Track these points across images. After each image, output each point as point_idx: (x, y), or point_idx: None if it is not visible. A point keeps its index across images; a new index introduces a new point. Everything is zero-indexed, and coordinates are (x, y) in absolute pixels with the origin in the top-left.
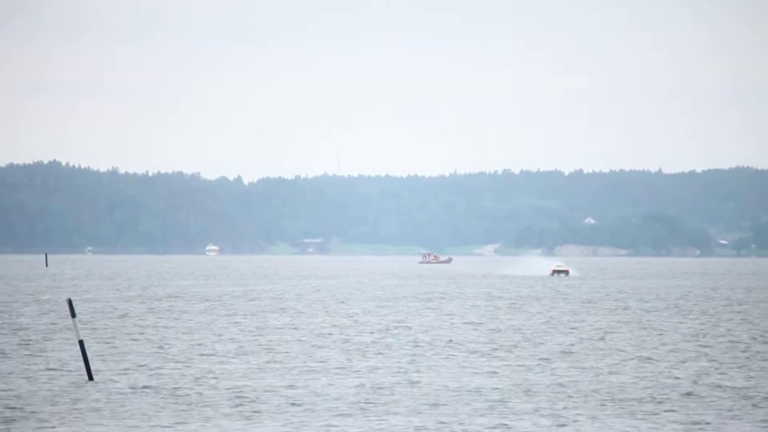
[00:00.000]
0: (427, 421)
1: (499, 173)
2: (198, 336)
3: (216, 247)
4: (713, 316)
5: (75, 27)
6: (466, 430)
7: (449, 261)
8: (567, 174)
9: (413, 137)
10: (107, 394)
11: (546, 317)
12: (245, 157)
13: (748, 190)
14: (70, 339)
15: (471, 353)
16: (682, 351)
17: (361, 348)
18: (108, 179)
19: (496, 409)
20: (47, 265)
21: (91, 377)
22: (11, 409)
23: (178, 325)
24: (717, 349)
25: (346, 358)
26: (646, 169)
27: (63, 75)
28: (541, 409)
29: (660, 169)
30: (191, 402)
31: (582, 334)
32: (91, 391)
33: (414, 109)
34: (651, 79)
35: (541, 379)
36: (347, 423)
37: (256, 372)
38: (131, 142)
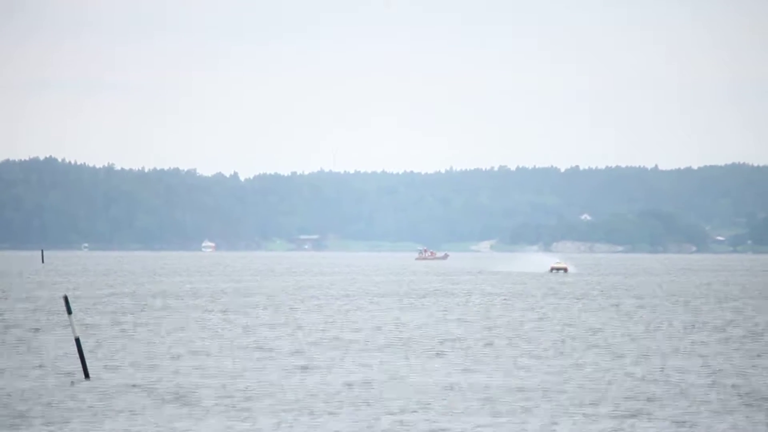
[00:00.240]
0: (417, 419)
1: (496, 169)
2: (191, 334)
3: (212, 244)
4: (709, 313)
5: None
6: (455, 427)
7: (445, 257)
8: (563, 170)
9: (412, 136)
10: (104, 392)
11: (540, 314)
12: (242, 155)
13: (744, 186)
14: (66, 336)
15: (463, 350)
16: (678, 348)
17: (352, 345)
18: (104, 175)
19: (485, 407)
20: (43, 262)
21: (87, 375)
22: (5, 407)
23: (172, 323)
24: (711, 347)
25: (337, 354)
26: (642, 166)
27: (63, 73)
28: (532, 407)
29: (656, 166)
30: (186, 400)
31: (578, 331)
32: (88, 390)
33: (414, 109)
34: (649, 78)
35: (533, 377)
36: (338, 420)
37: (250, 370)
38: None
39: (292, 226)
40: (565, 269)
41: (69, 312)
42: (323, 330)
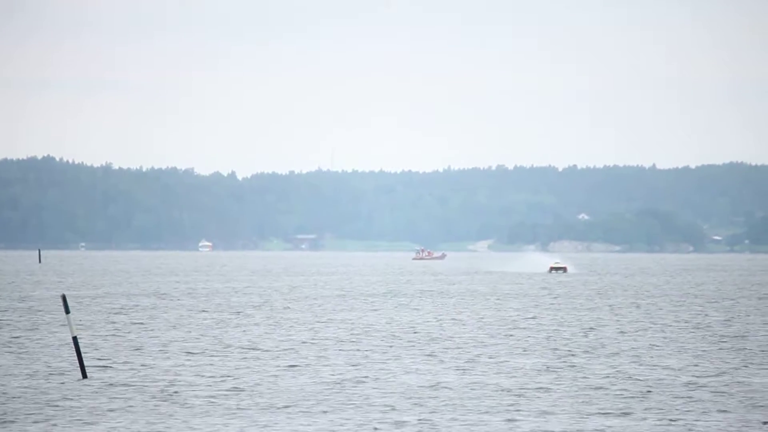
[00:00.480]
0: (407, 418)
1: (493, 169)
2: (185, 333)
3: (209, 243)
4: (706, 314)
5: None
6: (446, 426)
7: (443, 257)
8: (561, 170)
9: (412, 136)
10: (102, 392)
11: (533, 313)
12: (241, 154)
13: (742, 185)
14: (63, 335)
15: (454, 349)
16: (675, 346)
17: (344, 344)
18: (102, 175)
19: (477, 406)
20: (40, 261)
21: (85, 375)
22: (2, 406)
23: (168, 322)
24: (708, 345)
25: (328, 353)
26: (640, 165)
27: (63, 73)
28: (523, 406)
29: (654, 165)
30: (180, 398)
31: (573, 330)
32: (86, 390)
33: (413, 109)
34: (649, 77)
35: (524, 375)
36: (329, 419)
37: (243, 369)
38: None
39: (289, 225)
40: (565, 269)
41: (67, 311)
42: (316, 329)
